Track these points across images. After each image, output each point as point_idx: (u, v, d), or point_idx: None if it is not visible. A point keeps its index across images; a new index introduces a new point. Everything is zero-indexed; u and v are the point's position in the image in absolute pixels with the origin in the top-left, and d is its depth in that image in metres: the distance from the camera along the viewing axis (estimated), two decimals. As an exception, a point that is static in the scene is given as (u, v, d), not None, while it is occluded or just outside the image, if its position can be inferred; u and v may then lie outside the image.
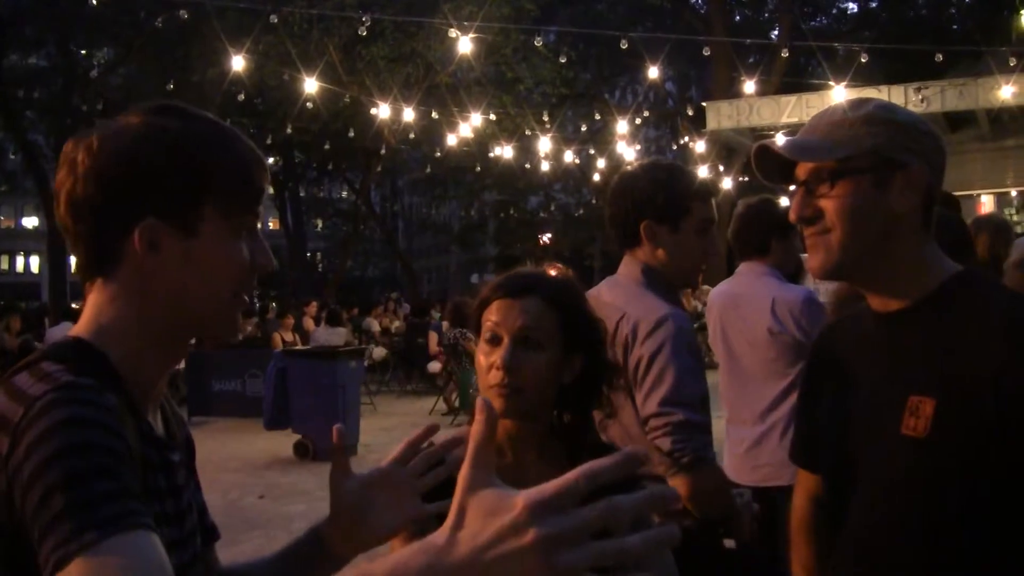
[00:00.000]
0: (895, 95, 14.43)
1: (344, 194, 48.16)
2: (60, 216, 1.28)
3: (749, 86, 16.13)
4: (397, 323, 21.35)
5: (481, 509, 0.81)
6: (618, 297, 2.69)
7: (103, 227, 1.25)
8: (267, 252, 1.35)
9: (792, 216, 1.70)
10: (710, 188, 2.85)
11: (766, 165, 1.77)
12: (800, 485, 2.06)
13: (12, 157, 30.19)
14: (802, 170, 1.69)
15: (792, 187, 1.73)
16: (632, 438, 2.58)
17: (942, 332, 1.61)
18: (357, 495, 1.46)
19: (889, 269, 1.66)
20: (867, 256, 1.64)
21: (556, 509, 0.78)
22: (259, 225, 1.36)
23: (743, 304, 3.82)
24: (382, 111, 16.31)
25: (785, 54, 21.19)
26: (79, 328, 1.28)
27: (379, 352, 18.23)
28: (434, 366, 15.62)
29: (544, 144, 19.85)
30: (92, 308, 1.29)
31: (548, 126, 20.74)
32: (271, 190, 37.64)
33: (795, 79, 22.44)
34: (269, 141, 23.65)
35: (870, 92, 14.85)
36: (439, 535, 0.82)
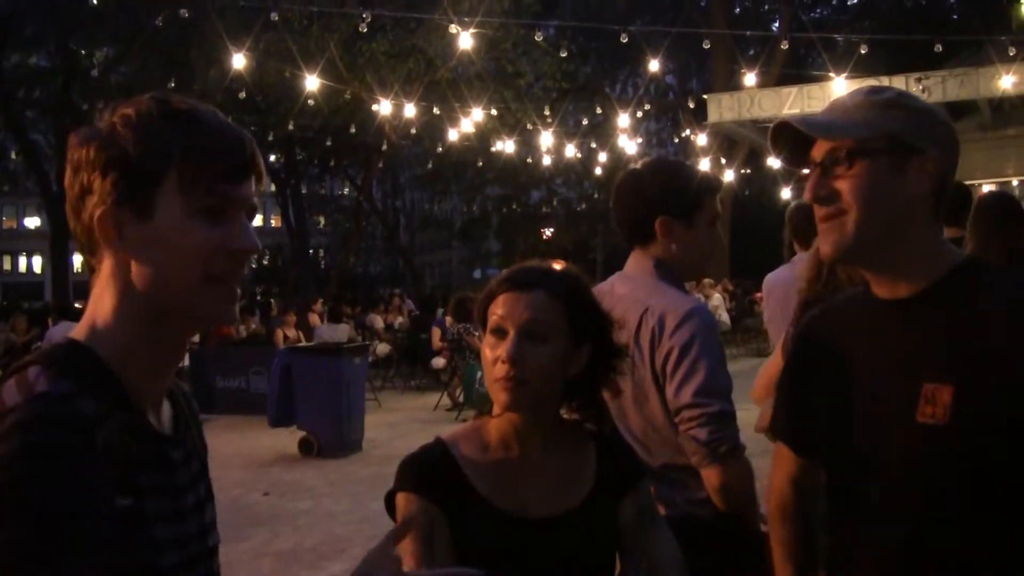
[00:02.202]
0: (896, 85, 14.30)
1: (346, 191, 48.18)
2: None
3: (750, 78, 16.11)
4: (400, 319, 21.34)
5: None
6: (637, 291, 2.68)
7: (86, 222, 1.26)
8: (246, 234, 1.28)
9: (807, 195, 1.69)
10: (717, 183, 2.89)
11: (781, 146, 1.75)
12: (779, 467, 2.03)
13: (14, 157, 30.17)
14: (819, 151, 1.68)
15: (806, 170, 1.72)
16: (657, 429, 2.58)
17: (955, 318, 1.60)
18: None
19: (902, 254, 1.66)
20: (881, 240, 1.64)
21: None
22: (255, 209, 1.32)
23: None
24: (383, 107, 16.30)
25: (785, 46, 21.19)
26: (78, 328, 1.28)
27: (383, 348, 18.23)
28: (438, 362, 15.61)
29: (545, 138, 19.83)
30: (90, 304, 1.30)
31: (549, 120, 20.75)
32: (273, 187, 37.84)
33: (796, 71, 22.42)
34: (271, 138, 23.68)
35: (871, 82, 14.75)
36: None
